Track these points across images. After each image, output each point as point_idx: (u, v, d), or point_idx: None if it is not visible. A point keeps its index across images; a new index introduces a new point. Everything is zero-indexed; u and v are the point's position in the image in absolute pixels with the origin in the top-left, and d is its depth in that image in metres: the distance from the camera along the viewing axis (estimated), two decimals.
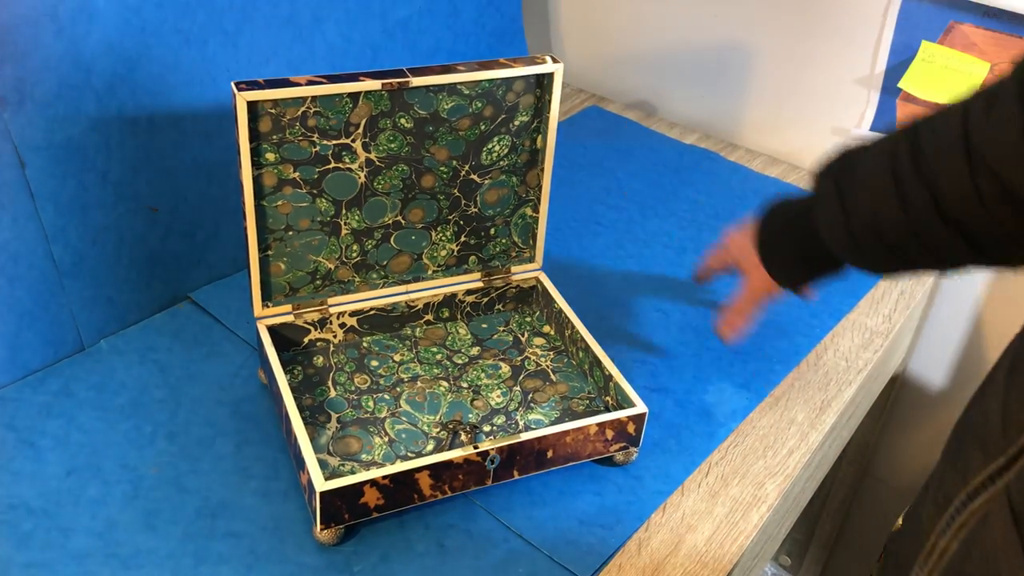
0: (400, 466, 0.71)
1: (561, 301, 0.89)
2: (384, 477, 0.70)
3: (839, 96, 1.22)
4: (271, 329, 0.83)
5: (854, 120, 1.22)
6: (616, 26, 1.39)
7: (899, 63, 1.15)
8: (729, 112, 1.33)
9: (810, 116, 1.26)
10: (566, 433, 0.76)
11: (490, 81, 0.81)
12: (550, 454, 0.77)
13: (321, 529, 0.71)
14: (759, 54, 1.27)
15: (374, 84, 0.77)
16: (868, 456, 1.36)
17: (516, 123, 0.85)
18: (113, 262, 0.88)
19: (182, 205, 0.93)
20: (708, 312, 1.00)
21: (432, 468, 0.72)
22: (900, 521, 0.69)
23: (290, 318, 0.84)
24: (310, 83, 0.75)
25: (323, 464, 0.76)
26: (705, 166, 1.26)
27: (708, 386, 0.91)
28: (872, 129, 1.21)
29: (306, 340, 0.86)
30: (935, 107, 0.68)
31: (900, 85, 1.15)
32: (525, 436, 0.74)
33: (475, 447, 0.73)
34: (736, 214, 1.17)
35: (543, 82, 0.83)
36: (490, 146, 0.85)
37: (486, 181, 0.87)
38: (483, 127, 0.84)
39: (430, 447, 0.79)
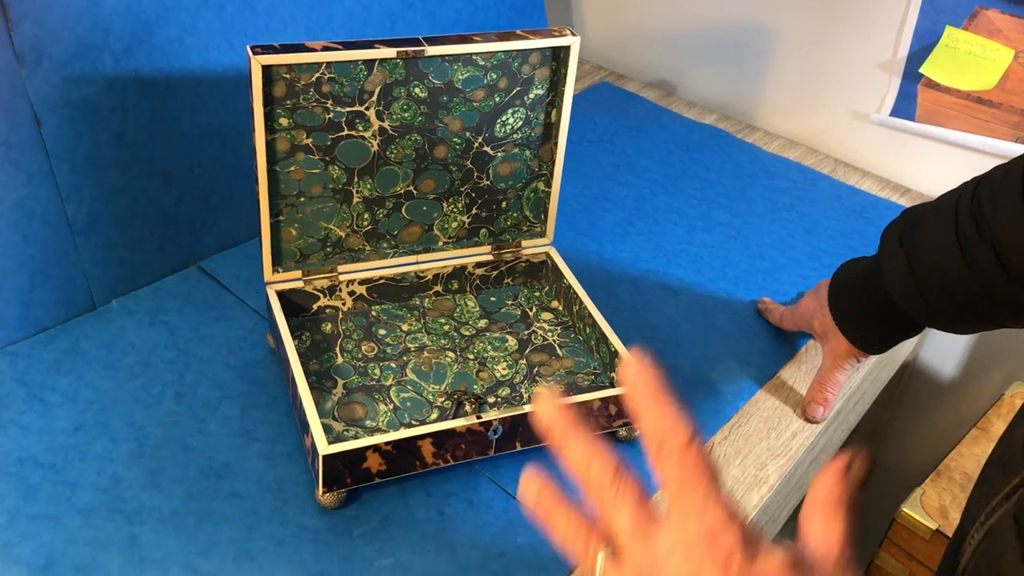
0: (403, 433, 0.71)
1: (570, 277, 0.89)
2: (387, 443, 0.71)
3: (860, 80, 1.21)
4: (280, 294, 0.84)
5: (874, 105, 1.21)
6: (637, 4, 1.38)
7: (922, 48, 1.14)
8: (748, 93, 1.33)
9: (830, 100, 1.25)
10: (569, 407, 0.76)
11: (506, 52, 0.81)
12: None
13: (323, 492, 0.71)
14: (780, 36, 1.26)
15: (389, 52, 0.77)
16: (876, 443, 1.36)
17: (531, 96, 0.85)
18: (126, 223, 0.89)
19: (196, 169, 0.94)
20: (716, 290, 1.00)
21: (435, 436, 0.72)
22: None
23: (300, 284, 0.85)
24: (325, 49, 0.75)
25: (327, 429, 0.77)
26: (715, 144, 1.26)
27: (715, 363, 0.91)
28: (892, 114, 1.20)
29: (315, 307, 0.87)
30: (993, 171, 0.68)
31: (922, 71, 1.14)
32: (528, 408, 0.75)
33: (478, 417, 0.73)
34: (745, 193, 1.16)
35: (559, 55, 0.83)
36: (504, 118, 0.85)
37: (499, 154, 0.87)
38: (498, 99, 0.83)
39: (434, 416, 0.79)
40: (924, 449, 1.33)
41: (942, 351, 1.25)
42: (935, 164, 1.20)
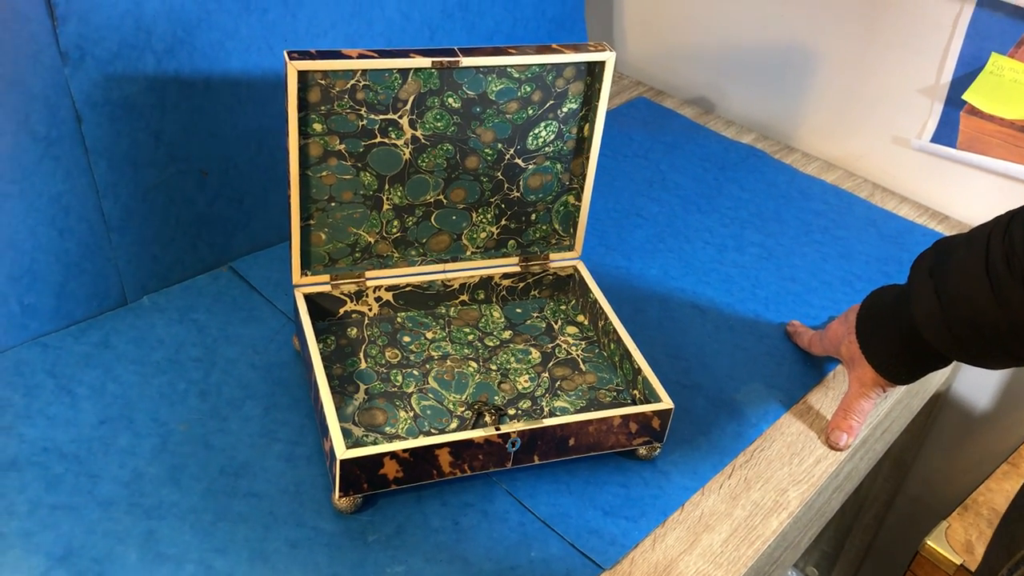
0: (421, 441, 0.71)
1: (597, 291, 0.89)
2: (404, 450, 0.71)
3: (901, 105, 1.20)
4: (308, 297, 0.84)
5: (915, 130, 1.20)
6: (679, 21, 1.38)
7: (966, 74, 1.13)
8: (788, 114, 1.32)
9: (870, 123, 1.24)
10: (589, 422, 0.76)
11: (541, 66, 0.81)
12: (572, 442, 0.77)
13: (339, 496, 0.72)
14: (823, 57, 1.25)
15: (424, 61, 0.77)
16: (903, 472, 1.34)
17: (564, 110, 0.85)
18: (161, 221, 0.90)
19: (232, 171, 0.95)
20: (745, 311, 0.99)
21: (452, 446, 0.72)
22: None
23: (327, 288, 0.85)
24: (361, 56, 0.76)
25: (347, 433, 0.77)
26: (751, 164, 1.25)
27: (741, 385, 0.90)
28: (933, 141, 1.18)
29: (341, 311, 0.87)
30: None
31: (965, 97, 1.13)
32: (548, 422, 0.74)
33: (497, 428, 0.73)
34: (779, 213, 1.15)
35: (594, 70, 0.83)
36: (536, 131, 0.85)
37: (530, 166, 0.87)
38: (531, 112, 0.84)
39: (454, 425, 0.80)
40: (952, 481, 1.30)
41: (976, 383, 1.23)
42: (975, 192, 1.18)
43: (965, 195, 1.19)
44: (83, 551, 0.68)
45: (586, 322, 0.92)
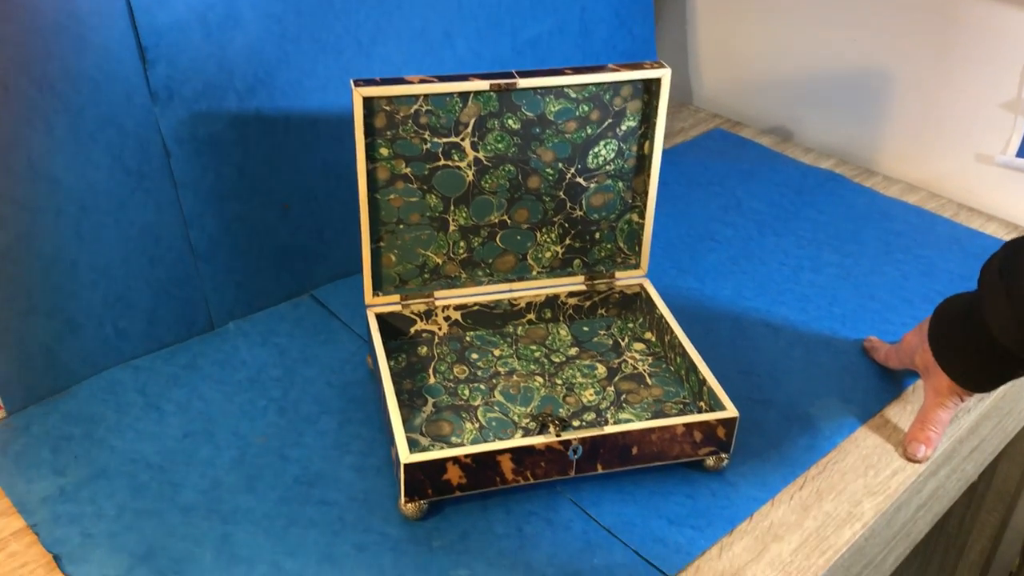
0: (483, 446, 0.73)
1: (663, 308, 0.90)
2: (466, 456, 0.72)
3: (983, 121, 1.17)
4: (380, 317, 0.88)
5: (999, 147, 1.17)
6: (753, 51, 1.39)
7: None
8: (867, 138, 1.30)
9: (951, 142, 1.22)
10: (652, 431, 0.76)
11: (597, 85, 0.84)
12: (635, 451, 0.77)
13: (405, 501, 0.74)
14: (898, 79, 1.24)
15: (483, 84, 0.81)
16: (1011, 505, 1.27)
17: (623, 128, 0.86)
18: (245, 251, 0.95)
19: (312, 203, 1.00)
20: (820, 328, 0.98)
21: (514, 452, 0.73)
22: None
23: (398, 308, 0.88)
24: (423, 82, 0.80)
25: (414, 443, 0.79)
26: (829, 187, 1.23)
27: (815, 400, 0.89)
28: (1019, 155, 1.15)
29: (412, 330, 0.90)
30: None
31: None
32: (609, 429, 0.75)
33: (558, 436, 0.74)
34: (859, 235, 1.14)
35: (651, 88, 0.85)
36: (596, 150, 0.87)
37: (592, 185, 0.89)
38: (589, 131, 0.86)
39: (518, 436, 0.81)
40: None
41: None
42: None
43: None
44: (163, 552, 0.72)
45: (653, 339, 0.92)
